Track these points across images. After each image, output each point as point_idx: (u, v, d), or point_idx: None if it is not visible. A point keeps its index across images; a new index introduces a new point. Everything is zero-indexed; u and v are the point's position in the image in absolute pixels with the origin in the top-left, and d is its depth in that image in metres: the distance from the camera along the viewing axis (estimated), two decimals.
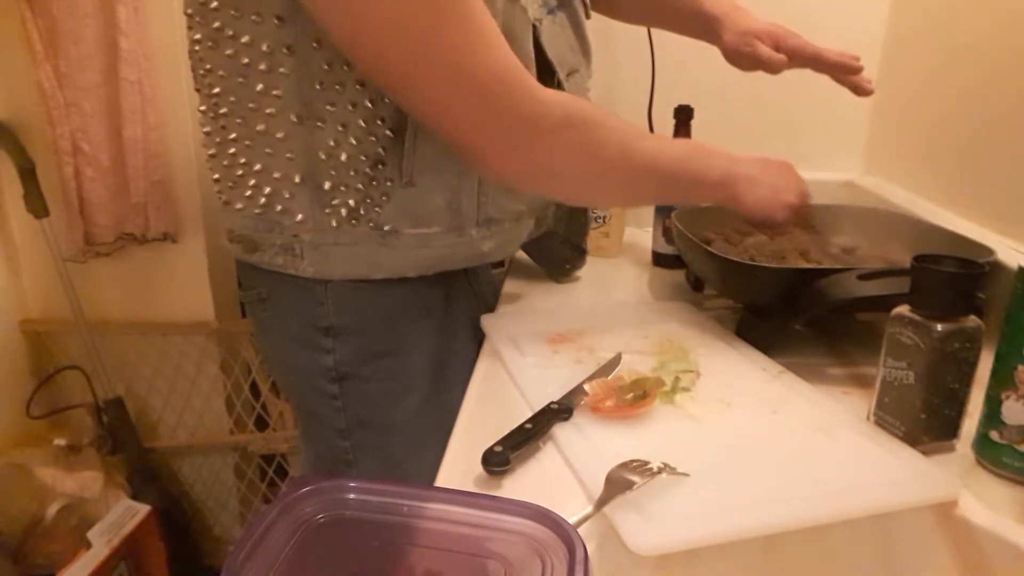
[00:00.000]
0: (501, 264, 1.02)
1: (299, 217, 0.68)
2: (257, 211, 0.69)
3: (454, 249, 0.72)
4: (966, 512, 0.50)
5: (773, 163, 0.77)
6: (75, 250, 1.41)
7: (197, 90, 0.71)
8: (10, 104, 1.40)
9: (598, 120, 0.66)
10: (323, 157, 0.65)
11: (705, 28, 0.93)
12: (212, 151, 0.72)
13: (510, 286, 0.96)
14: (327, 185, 0.66)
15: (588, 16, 0.83)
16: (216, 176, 0.73)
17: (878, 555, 0.47)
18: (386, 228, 0.68)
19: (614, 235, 1.08)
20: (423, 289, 0.75)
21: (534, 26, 0.72)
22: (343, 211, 0.67)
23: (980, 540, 0.48)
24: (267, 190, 0.68)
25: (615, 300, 0.95)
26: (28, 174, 1.38)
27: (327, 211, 0.67)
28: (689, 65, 0.97)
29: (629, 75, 1.14)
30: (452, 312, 0.79)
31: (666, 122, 1.04)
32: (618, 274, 1.03)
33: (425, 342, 0.76)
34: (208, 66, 0.67)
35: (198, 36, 0.67)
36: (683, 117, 1.01)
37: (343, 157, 0.65)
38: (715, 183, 0.73)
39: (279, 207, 0.68)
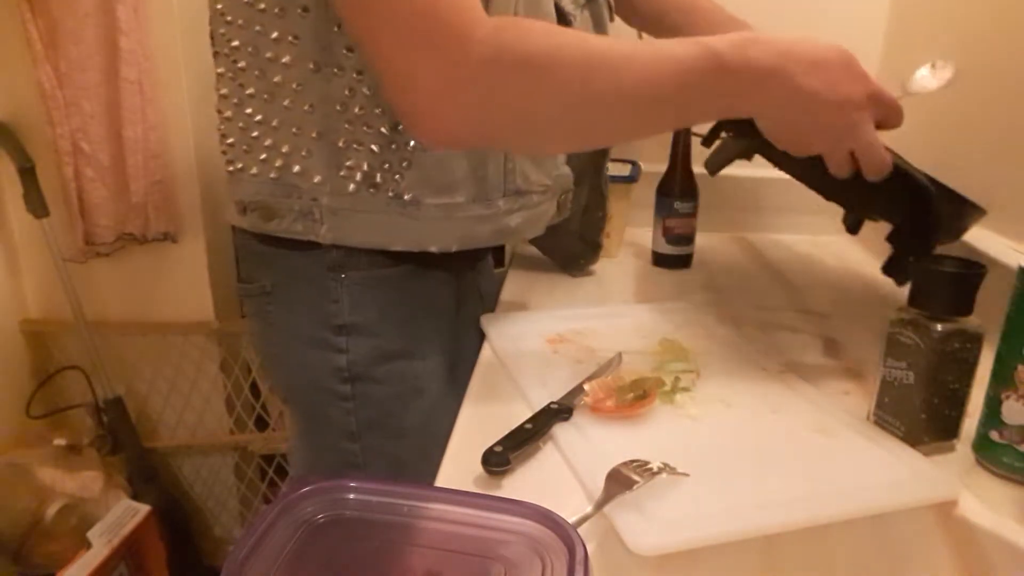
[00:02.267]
0: (502, 264, 1.02)
1: (317, 179, 0.67)
2: (273, 175, 0.68)
3: (479, 223, 0.70)
4: (966, 512, 0.50)
5: (822, 71, 0.59)
6: (75, 250, 1.41)
7: (215, 54, 0.70)
8: (10, 104, 1.40)
9: (544, 56, 0.55)
10: (338, 108, 0.65)
11: None
12: (228, 113, 0.71)
13: (510, 286, 0.96)
14: (341, 142, 0.66)
15: (612, 19, 0.83)
16: (230, 140, 0.71)
17: (878, 555, 0.47)
18: (406, 197, 0.67)
19: (614, 235, 1.08)
20: (435, 287, 0.74)
21: (569, 20, 0.71)
22: (358, 175, 0.66)
23: (980, 540, 0.48)
24: (284, 148, 0.67)
25: (615, 300, 0.95)
26: (28, 174, 1.38)
27: (342, 173, 0.66)
28: None
29: None
30: (461, 313, 0.79)
31: None
32: (618, 274, 1.03)
33: (436, 343, 0.76)
34: (228, 19, 0.67)
35: None
36: None
37: (357, 109, 0.64)
38: (725, 108, 0.61)
39: (296, 168, 0.67)
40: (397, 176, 0.66)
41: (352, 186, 0.66)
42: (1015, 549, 0.47)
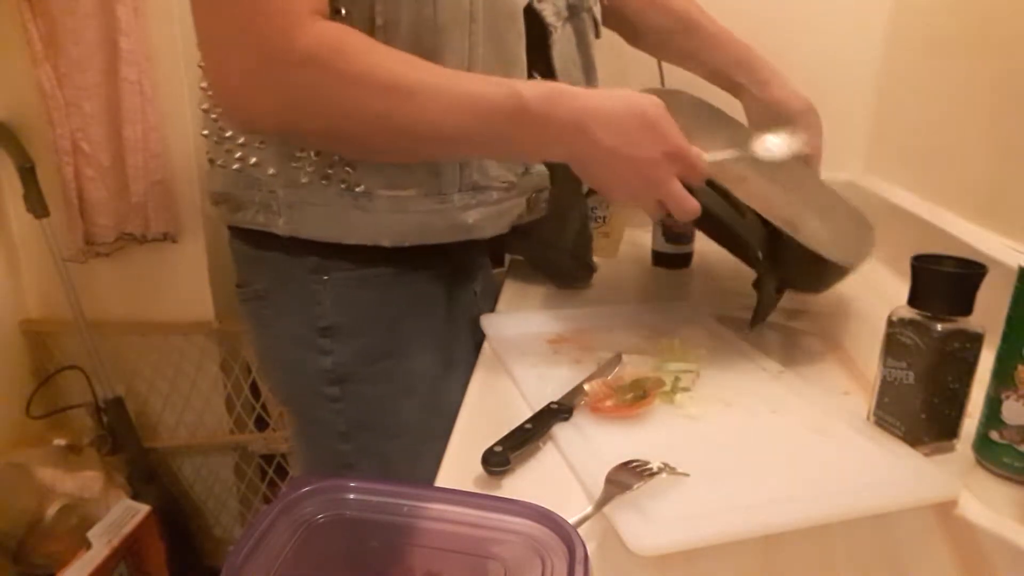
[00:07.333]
0: (501, 264, 1.02)
1: (271, 171, 0.68)
2: (236, 167, 0.70)
3: (433, 217, 0.70)
4: (966, 512, 0.50)
5: (622, 130, 0.62)
6: (75, 250, 1.41)
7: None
8: (10, 104, 1.40)
9: (350, 76, 0.57)
10: None
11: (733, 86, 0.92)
12: (205, 106, 0.72)
13: (510, 286, 0.96)
14: None
15: (598, 35, 0.82)
16: (205, 132, 0.73)
17: (878, 555, 0.47)
18: (358, 189, 0.67)
19: (614, 235, 1.08)
20: (422, 286, 0.74)
21: (549, 32, 0.72)
22: (309, 167, 0.67)
23: (980, 540, 0.48)
24: (240, 140, 0.68)
25: (615, 300, 0.94)
26: (28, 174, 1.38)
27: (295, 164, 0.67)
28: None
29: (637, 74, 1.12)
30: (453, 313, 0.78)
31: None
32: (618, 274, 1.03)
33: (426, 343, 0.76)
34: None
35: None
36: None
37: None
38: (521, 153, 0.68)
39: (253, 159, 0.68)
40: (348, 168, 0.67)
41: (305, 177, 0.67)
42: (1015, 549, 0.47)
